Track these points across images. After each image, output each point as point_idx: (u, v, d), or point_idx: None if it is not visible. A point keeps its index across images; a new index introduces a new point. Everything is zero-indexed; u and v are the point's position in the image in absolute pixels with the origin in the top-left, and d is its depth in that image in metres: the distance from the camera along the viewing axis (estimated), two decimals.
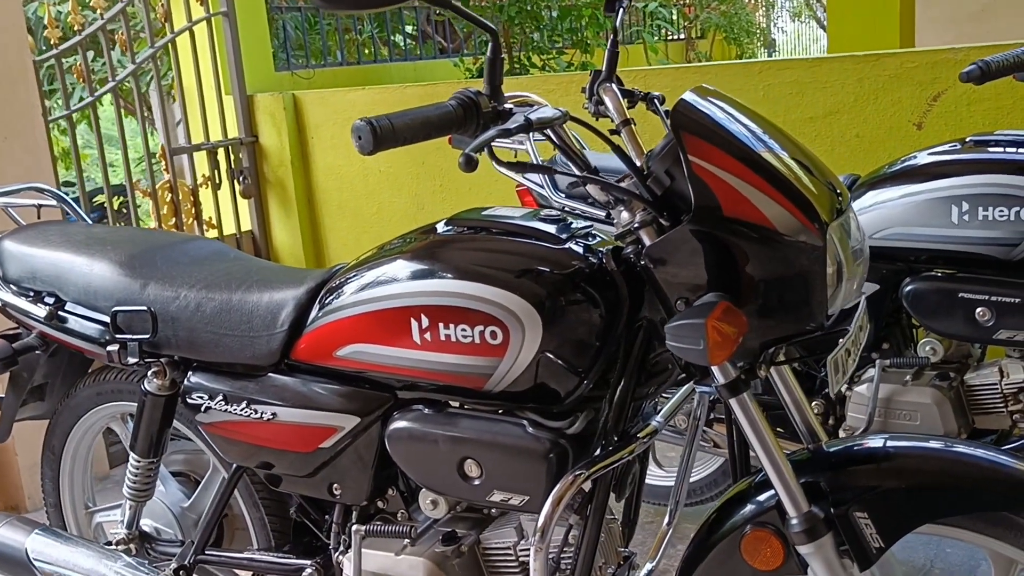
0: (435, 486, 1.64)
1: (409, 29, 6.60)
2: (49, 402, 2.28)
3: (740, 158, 1.36)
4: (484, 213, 1.63)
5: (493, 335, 1.50)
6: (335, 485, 1.75)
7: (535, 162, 2.86)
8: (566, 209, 1.65)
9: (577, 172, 1.44)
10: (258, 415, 1.77)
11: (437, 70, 5.96)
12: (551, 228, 1.56)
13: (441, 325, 1.53)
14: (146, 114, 5.58)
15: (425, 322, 1.54)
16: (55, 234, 2.14)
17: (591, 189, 1.46)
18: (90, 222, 2.35)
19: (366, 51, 5.76)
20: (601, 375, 1.52)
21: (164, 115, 4.25)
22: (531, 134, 3.01)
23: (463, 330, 1.51)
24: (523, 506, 1.56)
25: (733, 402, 1.43)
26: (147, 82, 5.20)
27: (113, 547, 2.09)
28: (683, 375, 1.56)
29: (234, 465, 1.91)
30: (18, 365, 2.14)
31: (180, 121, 4.41)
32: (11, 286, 2.11)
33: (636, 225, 1.43)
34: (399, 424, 1.63)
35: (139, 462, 2.01)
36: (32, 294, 2.07)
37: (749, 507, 1.49)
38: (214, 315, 1.81)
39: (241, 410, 1.79)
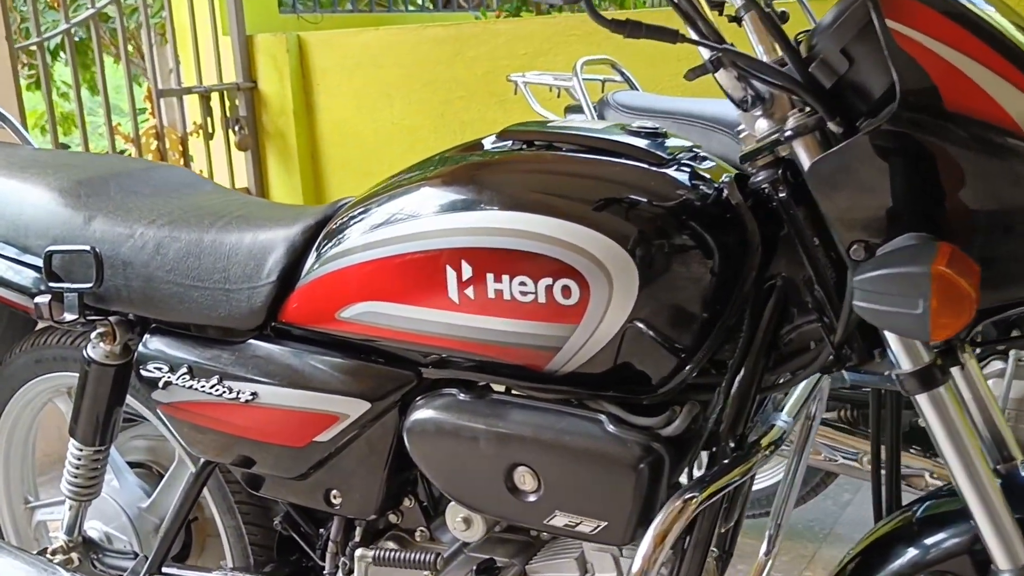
0: (470, 500, 1.25)
1: None
2: None
3: (968, 26, 0.91)
4: (551, 125, 1.20)
5: (566, 292, 1.08)
6: (334, 492, 1.37)
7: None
8: None
9: (708, 41, 0.97)
10: (233, 395, 1.37)
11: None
12: (644, 143, 1.13)
13: (491, 276, 1.12)
14: (138, 61, 5.14)
15: (467, 272, 1.13)
16: None
17: (722, 78, 1.00)
18: (36, 146, 1.90)
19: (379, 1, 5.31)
20: (711, 355, 1.11)
21: (151, 52, 3.80)
22: (579, 69, 2.54)
23: (522, 284, 1.10)
24: (597, 535, 1.15)
25: (923, 399, 1.01)
26: (136, 21, 4.76)
27: (49, 557, 1.66)
28: (833, 357, 1.11)
29: (202, 459, 1.48)
30: None
31: (172, 71, 3.99)
32: None
33: (790, 133, 0.99)
34: (424, 413, 1.24)
35: (81, 451, 1.60)
36: None
37: (914, 551, 1.10)
38: (178, 260, 1.40)
39: (211, 388, 1.39)
